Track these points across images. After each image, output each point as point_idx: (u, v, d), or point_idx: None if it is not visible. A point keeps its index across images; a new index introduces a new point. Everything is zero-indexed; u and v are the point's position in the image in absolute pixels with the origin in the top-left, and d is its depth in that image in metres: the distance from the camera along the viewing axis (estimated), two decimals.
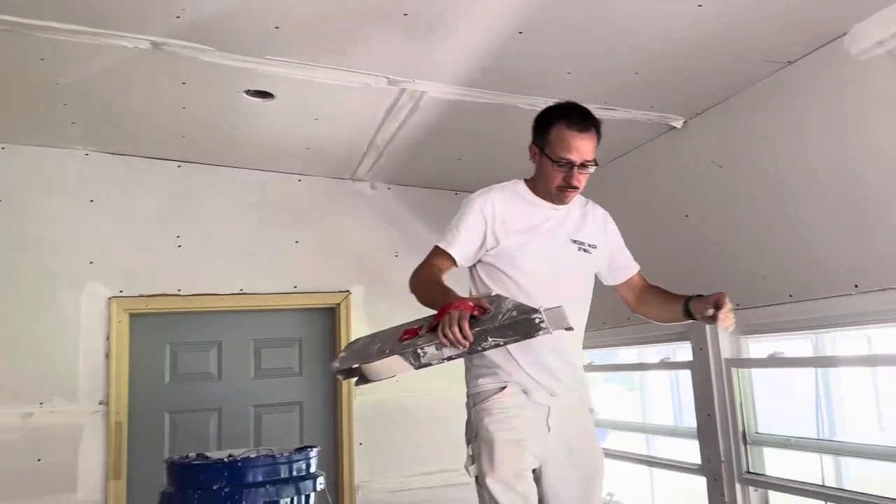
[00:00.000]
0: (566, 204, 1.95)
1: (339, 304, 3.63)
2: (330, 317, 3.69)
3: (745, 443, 2.60)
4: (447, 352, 1.58)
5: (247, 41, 2.24)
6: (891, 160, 2.03)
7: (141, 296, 3.33)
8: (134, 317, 3.35)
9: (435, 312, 1.66)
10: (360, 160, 3.42)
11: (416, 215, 3.85)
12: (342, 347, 1.72)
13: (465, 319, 1.53)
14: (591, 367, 3.66)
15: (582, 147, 1.84)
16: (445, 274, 1.89)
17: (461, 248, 1.90)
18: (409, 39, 2.22)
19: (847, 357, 2.82)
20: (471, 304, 1.59)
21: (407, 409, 3.66)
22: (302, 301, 3.59)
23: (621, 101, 2.67)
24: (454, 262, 1.90)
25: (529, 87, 2.58)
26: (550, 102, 2.63)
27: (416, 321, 1.75)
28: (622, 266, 2.12)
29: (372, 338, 1.88)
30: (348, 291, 3.64)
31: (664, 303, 2.03)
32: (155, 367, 3.42)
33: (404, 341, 1.67)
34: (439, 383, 3.66)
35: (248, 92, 2.61)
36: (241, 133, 3.09)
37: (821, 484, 2.34)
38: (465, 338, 1.52)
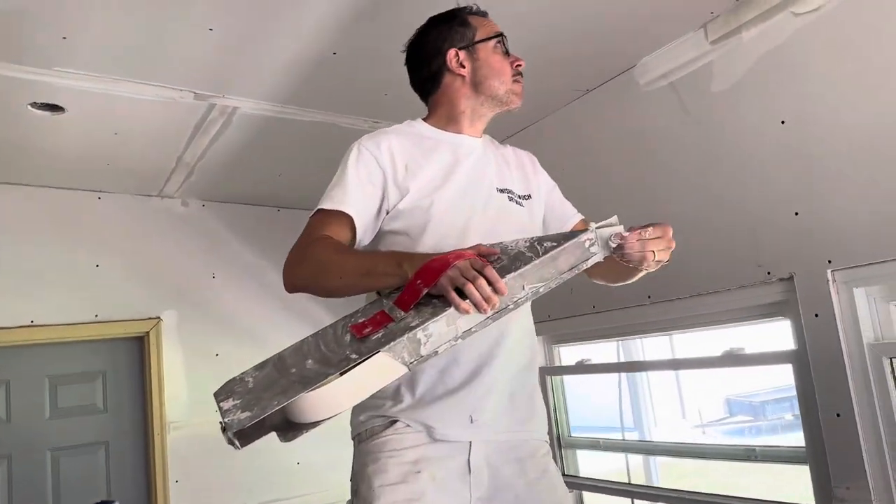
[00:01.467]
0: (515, 109, 1.48)
1: (148, 332, 3.36)
2: (138, 346, 3.40)
3: (560, 446, 2.76)
4: (464, 323, 1.08)
5: (31, 52, 2.01)
6: (680, 179, 2.25)
7: None
8: None
9: (373, 298, 1.20)
10: (168, 176, 3.20)
11: (235, 233, 3.68)
12: (221, 396, 1.12)
13: (487, 266, 1.07)
14: None
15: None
16: None
17: (357, 204, 1.32)
18: (218, 54, 2.11)
19: (651, 361, 3.09)
20: (469, 251, 1.13)
21: None
22: (104, 331, 3.27)
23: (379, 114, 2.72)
24: (351, 230, 1.32)
25: (347, 106, 2.56)
26: (370, 122, 2.68)
27: (352, 314, 1.20)
28: (561, 217, 1.57)
29: (281, 361, 1.16)
30: (158, 318, 3.38)
31: (613, 276, 1.51)
32: None
33: (372, 335, 1.10)
34: None
35: (35, 105, 2.34)
36: (30, 148, 2.76)
37: (626, 482, 2.53)
38: (498, 291, 1.05)
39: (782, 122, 1.94)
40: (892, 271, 1.72)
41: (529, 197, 1.49)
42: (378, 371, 1.06)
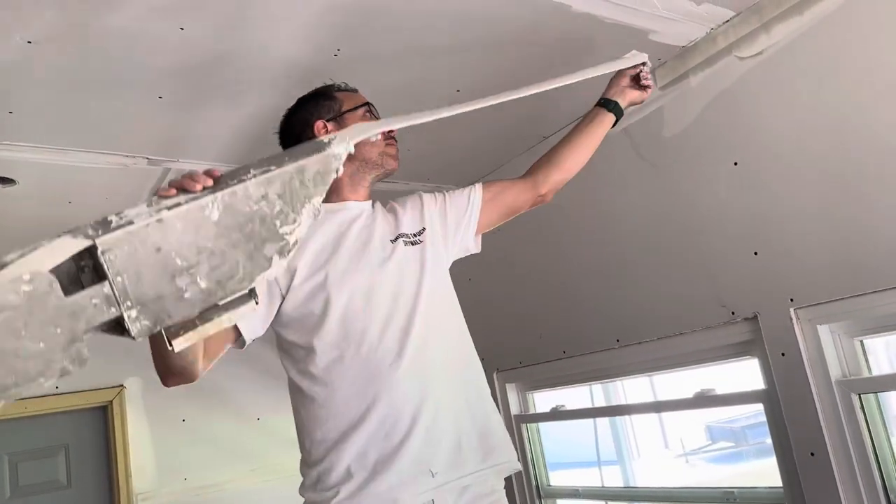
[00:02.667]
0: (393, 171, 1.51)
1: (111, 401, 3.25)
2: (102, 416, 3.28)
3: (539, 496, 2.71)
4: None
5: None
6: (636, 221, 2.26)
7: None
8: None
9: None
10: None
11: None
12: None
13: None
14: None
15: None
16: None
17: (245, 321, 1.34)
18: (169, 119, 2.09)
19: (625, 406, 3.06)
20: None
21: None
22: (66, 402, 3.16)
23: (398, 174, 2.73)
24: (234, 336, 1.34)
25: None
26: None
27: None
28: (467, 205, 1.58)
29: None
30: (122, 385, 3.28)
31: (577, 133, 1.64)
32: None
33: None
34: (236, 471, 3.42)
35: None
36: None
37: None
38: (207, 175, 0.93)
39: (735, 164, 1.97)
40: (854, 307, 1.73)
41: (423, 230, 1.48)
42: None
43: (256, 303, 0.97)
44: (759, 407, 2.00)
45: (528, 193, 1.63)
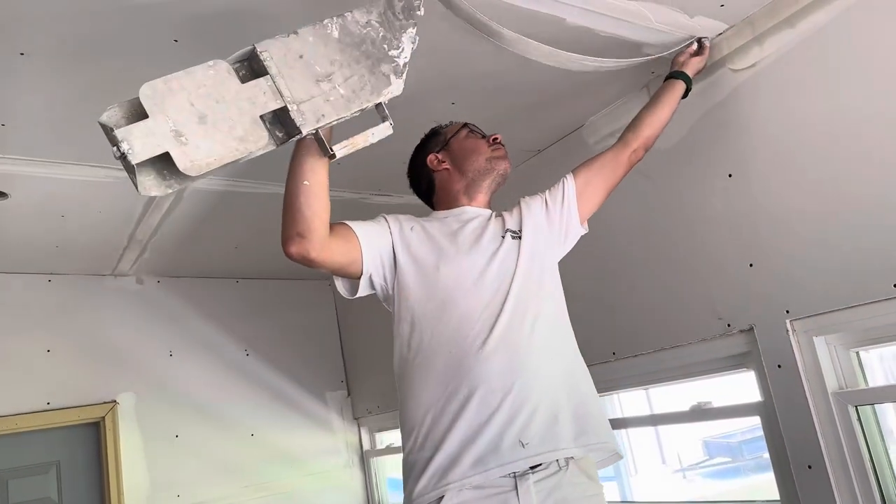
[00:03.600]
0: (505, 170, 1.67)
1: (103, 417, 3.21)
2: (94, 432, 3.24)
3: None
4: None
5: None
6: (630, 233, 2.26)
7: None
8: None
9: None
10: (120, 255, 3.12)
11: (193, 308, 3.58)
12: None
13: None
14: None
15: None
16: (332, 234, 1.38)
17: (362, 227, 1.47)
18: None
19: (621, 419, 3.04)
20: None
21: None
22: (58, 418, 3.12)
23: (392, 187, 2.74)
24: (354, 237, 1.44)
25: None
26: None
27: None
28: (566, 200, 1.70)
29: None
30: (114, 401, 3.24)
31: (656, 100, 1.87)
32: None
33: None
34: (230, 487, 3.39)
35: None
36: None
37: None
38: None
39: (729, 176, 1.97)
40: (850, 318, 1.72)
41: (521, 229, 1.59)
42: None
43: (391, 125, 1.27)
44: (756, 421, 1.99)
45: (622, 156, 1.78)
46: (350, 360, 3.99)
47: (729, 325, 1.98)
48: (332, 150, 1.22)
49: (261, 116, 1.14)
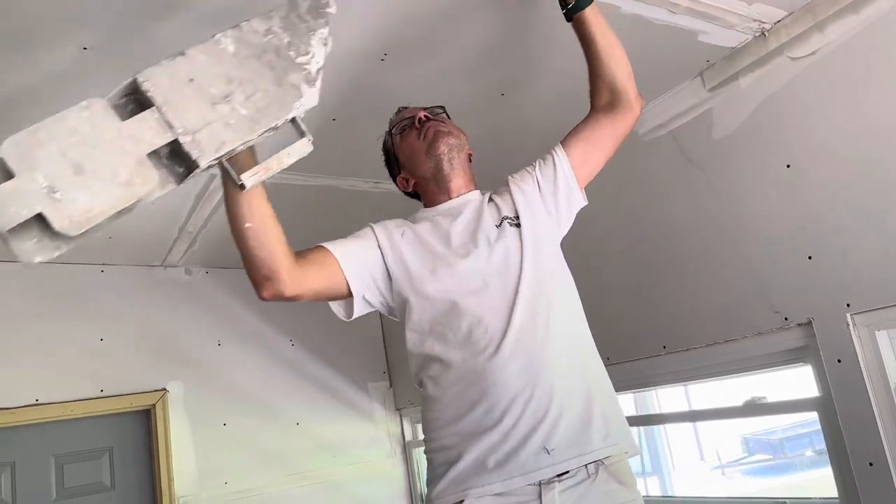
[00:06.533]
0: (447, 146, 1.51)
1: (154, 405, 3.29)
2: (145, 420, 3.32)
3: None
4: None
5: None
6: (684, 225, 2.23)
7: None
8: None
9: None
10: (171, 246, 3.19)
11: (239, 299, 3.64)
12: None
13: None
14: None
15: (411, 112, 1.60)
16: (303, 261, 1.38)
17: (342, 247, 1.42)
18: None
19: (671, 414, 3.01)
20: None
21: None
22: (110, 406, 3.20)
23: (367, 173, 2.71)
24: (334, 261, 1.42)
25: (348, 169, 2.56)
26: (371, 182, 2.68)
27: None
28: (561, 169, 1.54)
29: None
30: (164, 389, 3.32)
31: (592, 46, 1.54)
32: None
33: None
34: (274, 475, 3.44)
35: None
36: None
37: None
38: None
39: (787, 166, 1.93)
40: None
41: (518, 214, 1.47)
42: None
43: (310, 140, 1.12)
44: (799, 418, 1.95)
45: (623, 110, 1.60)
46: (392, 351, 4.01)
47: (786, 319, 1.94)
48: (240, 181, 1.10)
49: (152, 153, 0.99)
